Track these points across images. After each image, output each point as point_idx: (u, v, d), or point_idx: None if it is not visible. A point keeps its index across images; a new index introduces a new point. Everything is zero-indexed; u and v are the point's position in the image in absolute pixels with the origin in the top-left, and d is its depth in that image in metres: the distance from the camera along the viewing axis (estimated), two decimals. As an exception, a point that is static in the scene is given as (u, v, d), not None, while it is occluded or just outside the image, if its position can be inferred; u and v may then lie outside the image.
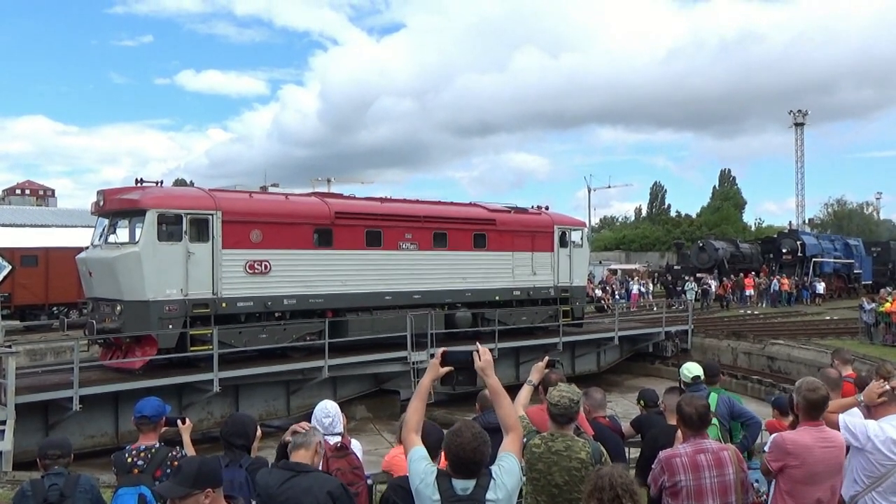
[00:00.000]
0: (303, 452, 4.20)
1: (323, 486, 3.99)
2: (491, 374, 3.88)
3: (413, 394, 3.95)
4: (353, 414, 17.86)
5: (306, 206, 18.53)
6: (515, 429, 3.80)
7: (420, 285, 19.91)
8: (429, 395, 3.94)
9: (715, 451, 4.47)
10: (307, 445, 4.23)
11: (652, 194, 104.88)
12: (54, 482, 4.57)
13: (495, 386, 3.85)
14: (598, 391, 6.74)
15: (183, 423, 5.17)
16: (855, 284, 46.00)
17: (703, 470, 4.34)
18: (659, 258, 71.41)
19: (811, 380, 4.83)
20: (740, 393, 18.01)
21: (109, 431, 15.30)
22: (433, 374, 3.87)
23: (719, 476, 4.35)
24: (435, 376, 3.87)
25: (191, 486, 3.23)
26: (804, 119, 72.10)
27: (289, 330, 17.41)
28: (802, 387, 4.66)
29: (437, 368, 3.87)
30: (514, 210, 23.30)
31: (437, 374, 3.87)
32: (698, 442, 4.48)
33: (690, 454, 4.40)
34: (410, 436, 3.71)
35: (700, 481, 4.32)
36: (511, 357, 21.84)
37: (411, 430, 3.73)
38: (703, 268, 41.21)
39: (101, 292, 16.11)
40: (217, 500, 3.32)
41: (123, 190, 16.79)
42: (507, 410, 3.83)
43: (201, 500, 3.25)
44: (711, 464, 4.37)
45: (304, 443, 4.25)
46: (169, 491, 3.30)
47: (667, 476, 4.39)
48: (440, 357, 3.89)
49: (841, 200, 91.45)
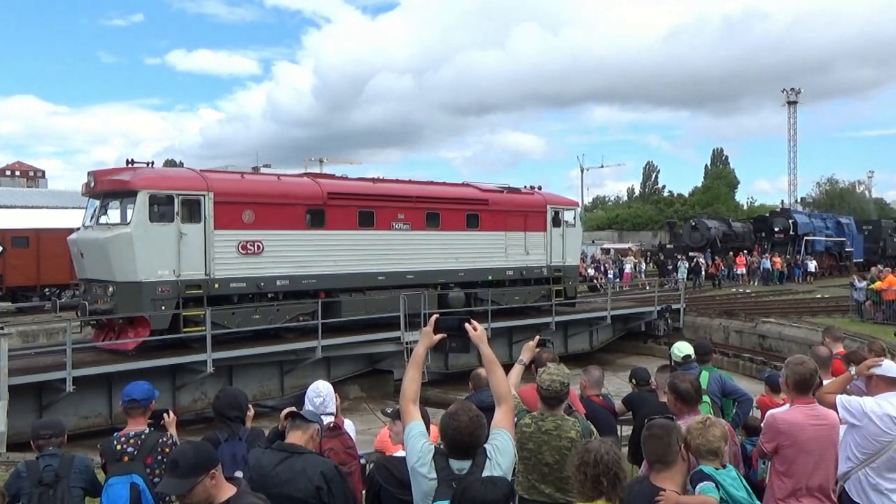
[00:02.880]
0: (299, 434, 4.18)
1: (316, 467, 3.98)
2: (485, 344, 3.92)
3: (408, 364, 3.95)
4: (346, 393, 17.92)
5: (299, 186, 18.47)
6: (507, 400, 3.82)
7: (413, 265, 19.90)
8: (423, 374, 3.95)
9: None
10: (304, 429, 4.21)
11: (645, 174, 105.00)
12: (49, 463, 4.57)
13: (489, 355, 3.88)
14: (597, 369, 6.80)
15: (168, 417, 5.05)
16: (846, 263, 46.20)
17: None
18: (651, 237, 71.55)
19: (798, 356, 4.85)
20: (732, 371, 18.17)
21: (103, 412, 15.33)
22: (427, 342, 3.87)
23: None
24: (429, 344, 3.88)
25: (194, 476, 3.17)
26: (797, 97, 72.21)
27: (282, 311, 17.40)
28: (791, 363, 4.69)
29: (430, 336, 3.87)
30: (507, 190, 23.28)
31: (431, 341, 3.87)
32: (693, 418, 4.45)
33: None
34: (409, 406, 3.70)
35: None
36: (504, 336, 21.89)
37: (409, 400, 3.72)
38: (695, 247, 41.30)
39: (93, 273, 16.08)
40: (219, 478, 3.28)
41: (114, 171, 16.67)
42: (500, 380, 3.85)
43: (208, 483, 3.19)
44: None
45: (301, 426, 4.22)
46: (174, 488, 3.20)
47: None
48: (433, 324, 3.90)
49: (832, 179, 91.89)
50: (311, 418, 4.32)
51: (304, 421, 4.24)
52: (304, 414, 4.31)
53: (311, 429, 4.24)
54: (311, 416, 4.35)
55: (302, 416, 4.27)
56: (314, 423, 4.29)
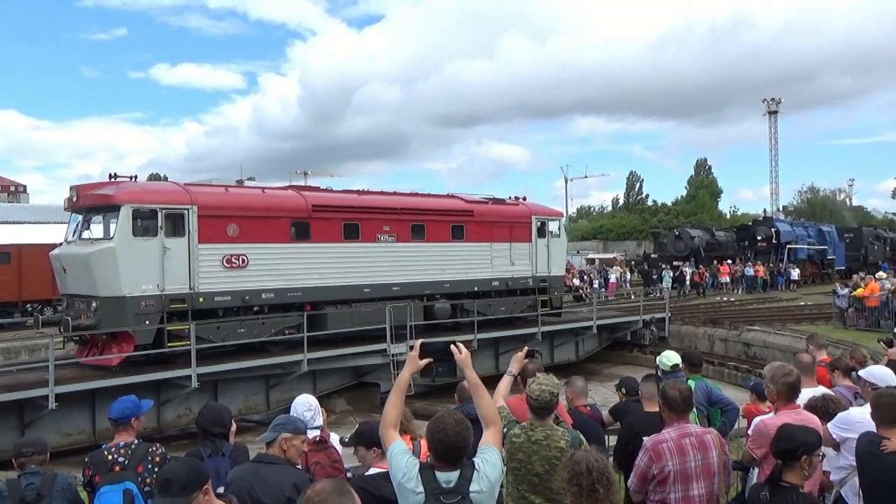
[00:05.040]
0: (273, 449, 4.26)
1: (289, 478, 4.04)
2: (470, 369, 3.90)
3: (391, 388, 3.93)
4: (333, 407, 17.83)
5: (283, 199, 18.44)
6: (495, 422, 3.83)
7: (399, 277, 19.89)
8: (409, 387, 3.94)
9: (699, 434, 4.52)
10: (268, 442, 4.28)
11: (628, 184, 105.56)
12: (31, 481, 4.53)
13: (474, 380, 3.89)
14: (579, 379, 6.82)
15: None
16: (828, 270, 46.65)
17: (688, 453, 4.39)
18: (636, 247, 71.93)
19: (780, 364, 4.91)
20: (717, 379, 18.24)
21: (86, 429, 15.18)
22: (412, 367, 3.86)
23: (704, 459, 4.40)
24: (414, 369, 3.86)
25: (187, 494, 3.21)
26: (777, 107, 72.90)
27: (267, 324, 17.32)
28: (777, 375, 4.73)
29: (415, 361, 3.86)
30: (492, 201, 23.35)
31: (417, 366, 3.86)
32: (682, 426, 4.52)
33: (676, 438, 4.44)
34: (389, 432, 3.65)
35: (686, 465, 4.36)
36: (490, 348, 21.93)
37: (389, 425, 3.67)
38: (679, 256, 41.57)
39: (75, 289, 15.93)
40: (211, 493, 3.33)
41: (97, 185, 16.58)
42: (487, 403, 3.86)
43: (201, 499, 3.25)
44: (696, 447, 4.41)
45: (264, 439, 4.31)
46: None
47: (655, 464, 4.41)
48: (418, 349, 3.89)
49: (812, 188, 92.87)
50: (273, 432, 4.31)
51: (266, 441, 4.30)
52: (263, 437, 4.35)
53: (278, 439, 4.27)
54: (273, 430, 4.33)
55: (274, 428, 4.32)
56: (280, 432, 4.30)
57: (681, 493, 4.35)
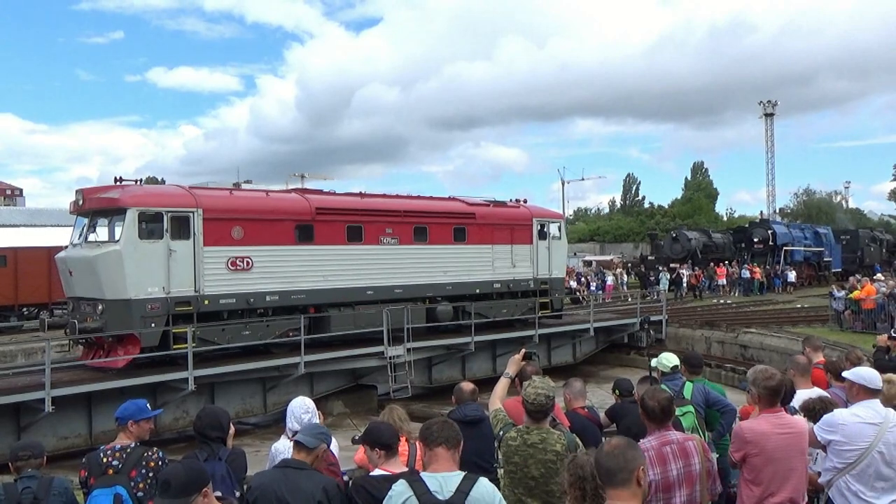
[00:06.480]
0: (304, 454, 4.25)
1: (319, 482, 4.05)
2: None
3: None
4: (330, 409, 17.87)
5: (287, 202, 18.59)
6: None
7: (401, 279, 20.02)
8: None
9: (680, 441, 4.41)
10: (308, 448, 4.27)
11: (625, 186, 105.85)
12: (27, 485, 4.53)
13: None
14: (578, 381, 6.82)
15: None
16: (825, 272, 46.77)
17: (669, 462, 4.28)
18: (633, 249, 72.09)
19: (763, 368, 4.91)
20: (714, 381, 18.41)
21: (83, 432, 15.21)
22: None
23: (686, 467, 4.30)
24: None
25: (186, 496, 3.22)
26: (774, 109, 73.12)
27: (271, 326, 17.46)
28: (759, 378, 4.74)
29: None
30: (493, 203, 23.49)
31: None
32: (663, 434, 4.44)
33: (657, 447, 4.33)
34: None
35: (667, 474, 4.25)
36: (488, 350, 22.10)
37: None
38: (676, 258, 41.70)
39: (81, 291, 16.07)
40: (211, 496, 3.36)
41: (103, 189, 16.74)
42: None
43: (201, 502, 3.27)
44: (677, 454, 4.31)
45: (307, 444, 4.29)
46: None
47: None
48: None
49: (809, 190, 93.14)
50: (317, 440, 4.36)
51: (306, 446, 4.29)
52: (304, 440, 4.34)
53: (319, 448, 4.32)
54: (317, 437, 4.38)
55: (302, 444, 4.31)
56: (321, 443, 4.35)
57: (662, 501, 4.25)
